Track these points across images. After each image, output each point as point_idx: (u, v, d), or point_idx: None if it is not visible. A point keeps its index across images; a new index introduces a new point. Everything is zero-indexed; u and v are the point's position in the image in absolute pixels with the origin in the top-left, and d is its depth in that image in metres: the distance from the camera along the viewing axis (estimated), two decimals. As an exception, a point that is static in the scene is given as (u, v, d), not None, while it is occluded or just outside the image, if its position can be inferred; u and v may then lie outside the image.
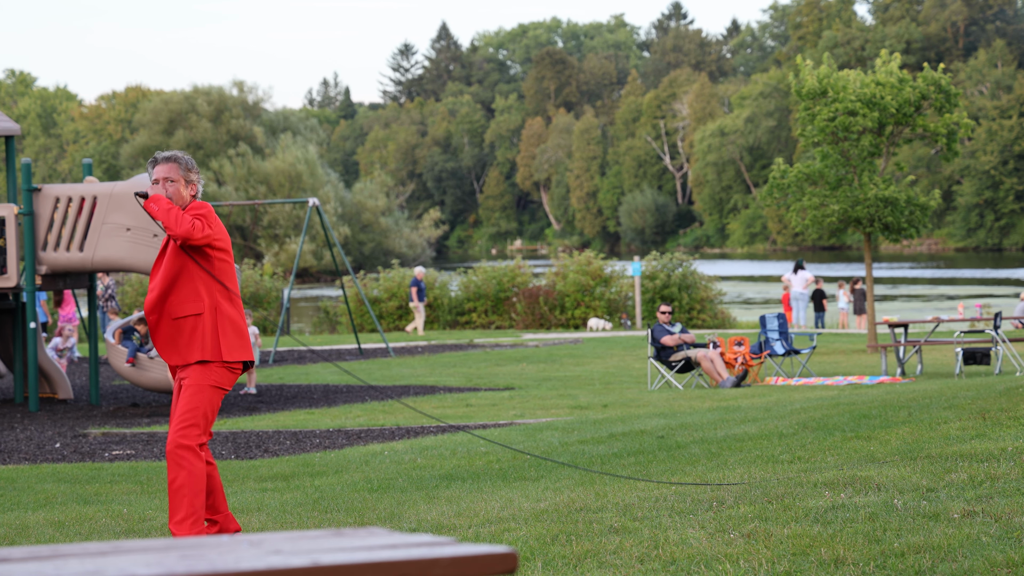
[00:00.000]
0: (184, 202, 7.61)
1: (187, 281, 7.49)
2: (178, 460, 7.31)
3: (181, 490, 7.30)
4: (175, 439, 7.33)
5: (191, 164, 7.72)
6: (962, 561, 5.66)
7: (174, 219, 7.37)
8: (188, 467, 7.29)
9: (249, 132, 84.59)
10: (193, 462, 7.31)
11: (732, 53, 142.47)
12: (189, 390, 7.40)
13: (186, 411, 7.37)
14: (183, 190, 7.63)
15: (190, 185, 7.67)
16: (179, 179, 7.63)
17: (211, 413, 7.43)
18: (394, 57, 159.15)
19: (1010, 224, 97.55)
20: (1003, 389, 12.37)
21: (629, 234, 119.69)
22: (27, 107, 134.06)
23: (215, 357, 7.44)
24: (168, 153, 7.72)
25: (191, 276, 7.49)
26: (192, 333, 7.44)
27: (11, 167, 19.28)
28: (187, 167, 7.67)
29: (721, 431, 11.74)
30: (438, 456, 11.96)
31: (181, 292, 7.49)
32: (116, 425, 16.81)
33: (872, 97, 24.77)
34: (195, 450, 7.32)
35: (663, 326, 20.88)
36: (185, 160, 7.71)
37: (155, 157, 7.76)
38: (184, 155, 7.74)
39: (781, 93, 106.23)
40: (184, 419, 7.35)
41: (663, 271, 35.57)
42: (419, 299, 33.82)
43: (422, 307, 34.00)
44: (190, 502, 7.30)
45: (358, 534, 2.58)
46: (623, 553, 6.25)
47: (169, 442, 7.36)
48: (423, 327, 34.02)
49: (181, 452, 7.31)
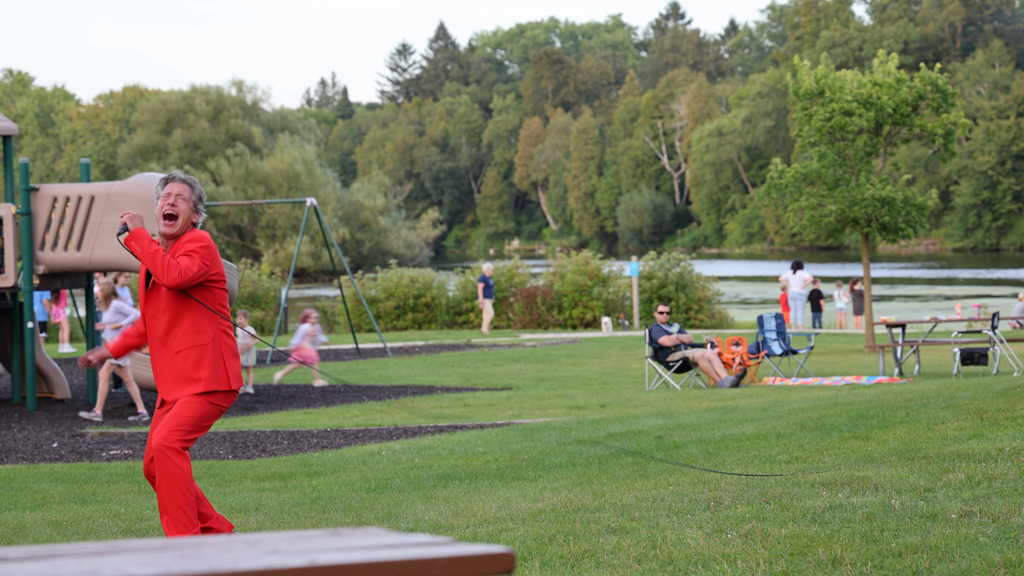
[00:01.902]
0: (187, 227, 7.51)
1: (188, 313, 7.39)
2: (163, 461, 7.27)
3: (166, 489, 7.25)
4: (161, 439, 7.28)
5: (203, 195, 7.64)
6: (960, 561, 5.67)
7: (161, 267, 7.24)
8: (173, 467, 7.25)
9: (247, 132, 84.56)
10: (178, 462, 7.26)
11: (730, 53, 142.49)
12: (181, 402, 7.35)
13: (176, 418, 7.31)
14: (190, 215, 7.53)
15: (195, 214, 7.56)
16: (189, 202, 7.52)
17: (200, 425, 7.36)
18: (392, 57, 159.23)
19: (1008, 224, 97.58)
20: (1001, 389, 12.38)
21: (627, 234, 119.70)
22: (25, 107, 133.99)
23: (221, 387, 7.40)
24: (185, 176, 7.61)
25: (191, 308, 7.40)
26: (196, 364, 7.35)
27: (8, 167, 19.27)
28: (199, 196, 7.59)
29: (719, 431, 11.74)
30: (436, 456, 11.96)
31: (183, 325, 7.39)
32: (113, 425, 16.81)
33: (869, 97, 24.78)
34: (181, 453, 7.27)
35: (661, 326, 20.88)
36: (199, 189, 7.63)
37: (173, 175, 7.63)
38: (198, 184, 7.68)
39: (779, 93, 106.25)
40: (172, 424, 7.29)
41: (660, 271, 35.58)
42: (486, 296, 32.93)
43: (489, 304, 33.08)
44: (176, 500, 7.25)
45: (355, 534, 2.58)
46: (621, 553, 6.25)
47: (156, 441, 7.31)
48: (488, 326, 33.05)
49: (166, 453, 7.26)
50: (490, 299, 33.15)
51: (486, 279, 33.13)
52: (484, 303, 33.08)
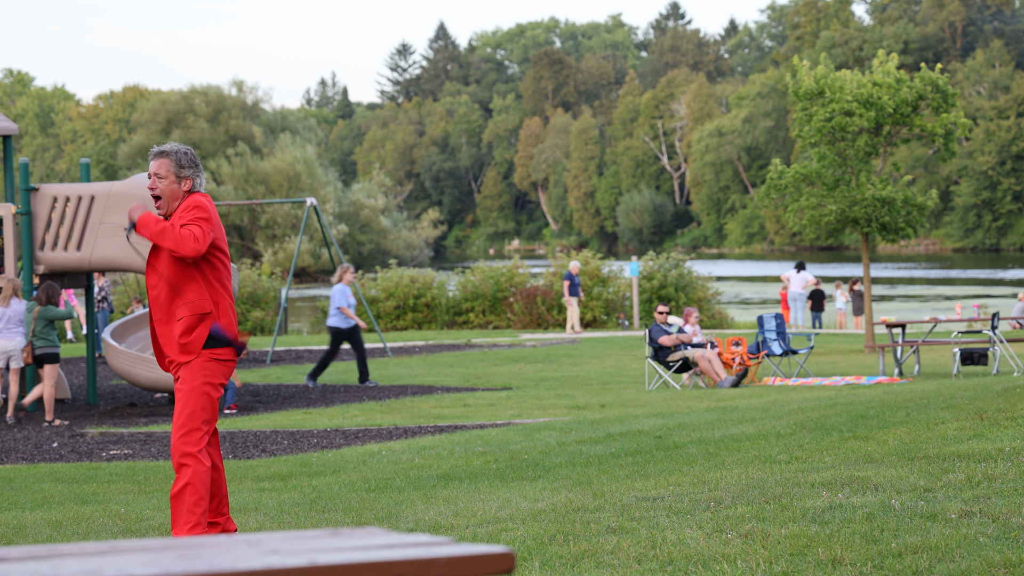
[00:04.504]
0: (178, 197, 7.39)
1: (192, 282, 7.35)
2: (181, 468, 7.26)
3: (183, 496, 7.23)
4: (177, 446, 7.26)
5: (184, 159, 7.40)
6: (959, 561, 5.66)
7: (174, 242, 7.15)
8: (191, 474, 7.22)
9: (247, 132, 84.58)
10: (196, 469, 7.24)
11: (730, 53, 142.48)
12: (181, 394, 7.33)
13: (182, 416, 7.29)
14: (175, 186, 7.37)
15: (184, 180, 7.37)
16: (169, 175, 7.36)
17: (208, 412, 7.33)
18: (392, 57, 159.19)
19: (1008, 224, 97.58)
20: (1000, 389, 12.38)
21: (627, 234, 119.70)
22: (25, 106, 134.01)
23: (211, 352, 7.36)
24: (160, 148, 7.45)
25: (195, 277, 7.35)
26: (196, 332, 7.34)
27: (8, 167, 19.28)
28: (179, 163, 7.37)
29: (719, 431, 11.74)
30: (436, 456, 11.96)
31: (188, 294, 7.35)
32: (114, 425, 16.81)
33: (869, 97, 24.78)
34: (197, 456, 7.25)
35: (660, 326, 20.89)
36: (177, 155, 7.40)
37: (151, 151, 7.52)
38: (178, 149, 7.43)
39: (779, 93, 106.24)
40: (182, 425, 7.27)
41: (660, 271, 35.58)
42: (571, 294, 32.48)
43: (575, 302, 32.62)
44: (190, 509, 7.21)
45: (355, 534, 2.58)
46: (620, 553, 6.24)
47: (172, 449, 7.31)
48: (578, 324, 32.66)
49: (184, 460, 7.24)
50: (575, 297, 32.70)
51: (572, 277, 32.62)
52: (570, 301, 32.65)
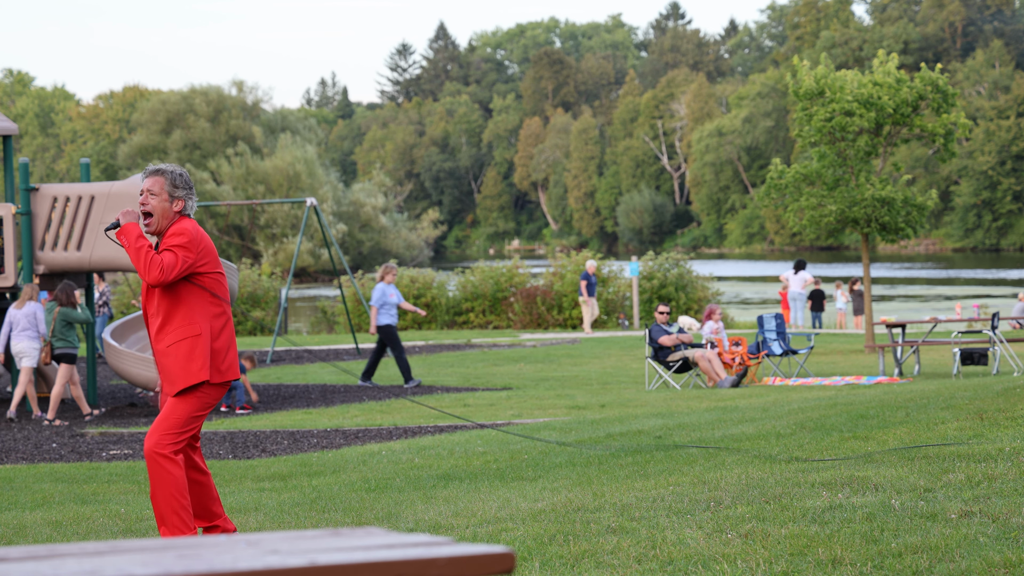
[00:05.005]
0: (169, 218, 7.37)
1: (181, 307, 7.29)
2: (155, 468, 7.22)
3: (161, 496, 7.21)
4: (150, 446, 7.23)
5: (179, 180, 7.41)
6: (959, 561, 5.66)
7: (144, 265, 7.16)
8: (165, 474, 7.20)
9: (247, 132, 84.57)
10: (170, 469, 7.20)
11: (730, 53, 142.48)
12: (171, 401, 7.28)
13: (166, 421, 7.25)
14: (167, 204, 7.37)
15: (176, 201, 7.38)
16: (162, 194, 7.36)
17: (191, 424, 7.27)
18: (392, 57, 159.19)
19: (1008, 224, 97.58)
20: (1000, 389, 12.38)
21: (627, 234, 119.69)
22: (25, 106, 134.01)
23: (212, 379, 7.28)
24: (156, 166, 7.46)
25: (182, 301, 7.30)
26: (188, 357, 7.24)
27: (8, 167, 19.28)
28: (173, 183, 7.38)
29: (719, 431, 11.74)
30: (436, 456, 11.96)
31: (175, 319, 7.29)
32: (113, 425, 16.82)
33: (869, 97, 24.78)
34: (170, 457, 7.21)
35: (661, 326, 20.89)
36: (172, 175, 7.41)
37: (145, 169, 7.52)
38: (173, 169, 7.45)
39: (779, 93, 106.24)
40: (163, 428, 7.23)
41: (660, 271, 35.59)
42: (588, 293, 32.21)
43: (592, 301, 32.36)
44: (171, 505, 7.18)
45: (355, 534, 2.58)
46: (620, 553, 6.24)
47: (146, 448, 7.27)
48: (589, 324, 32.48)
49: (157, 459, 7.21)
50: (593, 296, 32.49)
51: (588, 276, 32.39)
52: (587, 299, 32.39)
